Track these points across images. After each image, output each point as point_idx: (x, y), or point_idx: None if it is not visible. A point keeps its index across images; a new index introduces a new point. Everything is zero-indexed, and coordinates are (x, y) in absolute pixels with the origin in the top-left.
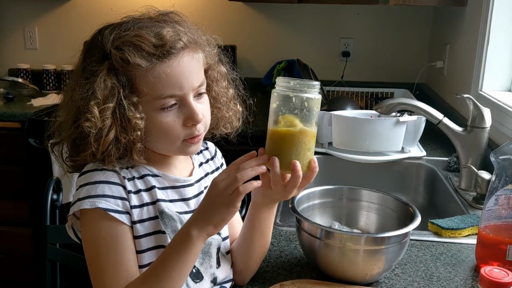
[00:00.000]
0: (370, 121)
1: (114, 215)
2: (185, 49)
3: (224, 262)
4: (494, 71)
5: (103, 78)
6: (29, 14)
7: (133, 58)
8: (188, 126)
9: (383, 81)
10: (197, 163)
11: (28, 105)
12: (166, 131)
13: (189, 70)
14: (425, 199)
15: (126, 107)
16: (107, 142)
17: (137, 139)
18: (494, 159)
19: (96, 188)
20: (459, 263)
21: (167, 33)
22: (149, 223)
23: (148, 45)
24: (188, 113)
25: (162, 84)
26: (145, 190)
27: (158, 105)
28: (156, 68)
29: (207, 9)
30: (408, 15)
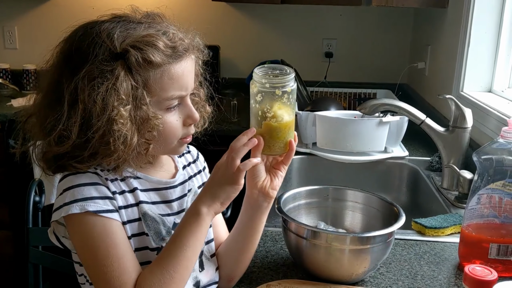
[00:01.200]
0: (354, 122)
1: (106, 215)
2: (188, 51)
3: (208, 265)
4: (475, 72)
5: (123, 78)
6: (9, 13)
7: (155, 57)
8: (186, 126)
9: (365, 81)
10: (181, 166)
11: (7, 105)
12: (169, 131)
13: (191, 72)
14: (407, 198)
15: (146, 107)
16: (133, 145)
17: (152, 140)
18: (476, 159)
19: (83, 191)
20: (442, 262)
21: (173, 35)
22: (133, 225)
23: (163, 44)
24: (187, 113)
25: (173, 84)
26: (127, 192)
27: (165, 105)
28: (171, 68)
29: (190, 9)
30: (390, 16)
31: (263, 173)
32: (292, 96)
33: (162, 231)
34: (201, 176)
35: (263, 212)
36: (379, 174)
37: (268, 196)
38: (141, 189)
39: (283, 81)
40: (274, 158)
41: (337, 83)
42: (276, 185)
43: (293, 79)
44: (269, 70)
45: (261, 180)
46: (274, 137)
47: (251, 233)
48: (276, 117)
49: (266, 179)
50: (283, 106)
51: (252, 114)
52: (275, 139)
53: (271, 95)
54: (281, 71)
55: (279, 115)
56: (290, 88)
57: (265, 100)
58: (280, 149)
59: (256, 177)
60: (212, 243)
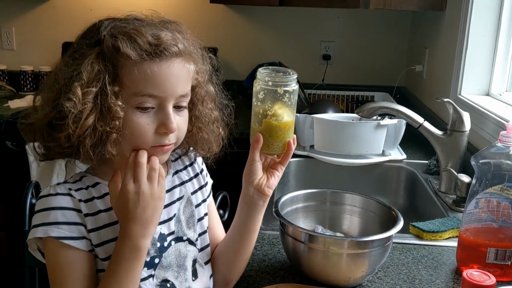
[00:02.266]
0: (352, 124)
1: (68, 242)
2: (178, 56)
3: (201, 273)
4: (472, 75)
5: (90, 61)
6: (6, 14)
7: (124, 47)
8: (160, 133)
9: (363, 84)
10: (172, 171)
11: (5, 107)
12: (138, 133)
13: (176, 77)
14: (405, 201)
15: (109, 94)
16: (85, 126)
17: (114, 129)
18: (474, 163)
19: (49, 216)
20: (440, 266)
21: (165, 35)
22: (113, 244)
23: (143, 40)
24: (162, 120)
25: (145, 82)
26: (105, 211)
27: (136, 102)
28: (145, 64)
29: (189, 11)
30: (388, 19)
31: (260, 172)
32: (293, 96)
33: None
34: (197, 179)
35: (258, 211)
36: (376, 177)
37: (263, 194)
38: None
39: (286, 80)
40: (272, 159)
41: (334, 86)
42: (272, 184)
43: (295, 80)
44: (273, 71)
45: (258, 178)
46: (273, 136)
47: (247, 232)
48: (276, 116)
49: (263, 177)
50: (284, 106)
51: (253, 112)
52: (274, 138)
53: (273, 93)
54: (284, 73)
55: (280, 114)
56: (291, 88)
57: (267, 98)
58: (279, 148)
59: (253, 174)
60: (207, 249)
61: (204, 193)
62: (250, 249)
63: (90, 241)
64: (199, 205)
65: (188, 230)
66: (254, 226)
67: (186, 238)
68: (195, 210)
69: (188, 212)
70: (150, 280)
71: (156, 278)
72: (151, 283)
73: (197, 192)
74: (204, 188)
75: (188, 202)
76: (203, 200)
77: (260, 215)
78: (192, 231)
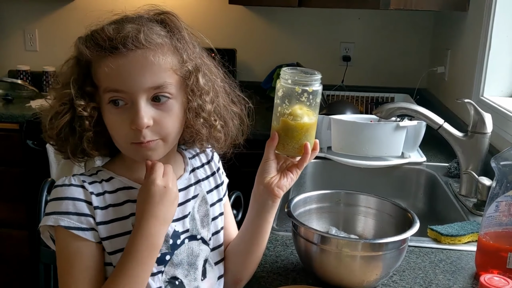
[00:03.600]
0: (370, 126)
1: (77, 232)
2: (141, 48)
3: (211, 273)
4: (495, 76)
5: (70, 64)
6: (30, 16)
7: (82, 47)
8: (133, 129)
9: (383, 85)
10: (190, 169)
11: (27, 106)
12: (112, 129)
13: (139, 70)
14: (425, 205)
15: (74, 95)
16: (59, 124)
17: (83, 127)
18: (495, 165)
19: (61, 205)
20: (458, 271)
21: (127, 28)
22: (122, 238)
23: (102, 37)
24: (132, 116)
25: (108, 77)
26: (116, 205)
27: (106, 98)
28: (104, 60)
29: (208, 12)
30: (409, 19)
31: (273, 171)
32: (314, 97)
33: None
34: (214, 178)
35: (267, 210)
36: (395, 179)
37: (272, 193)
38: (135, 200)
39: (305, 80)
40: (290, 162)
41: (354, 87)
42: (283, 185)
43: (317, 81)
44: (298, 71)
45: (269, 176)
46: (289, 136)
47: (256, 232)
48: (294, 116)
49: (275, 177)
50: (303, 106)
51: (274, 110)
52: (290, 138)
53: (291, 92)
54: (309, 74)
55: (298, 115)
56: (311, 88)
57: (285, 97)
58: (294, 150)
59: (265, 172)
60: (219, 249)
61: (220, 192)
62: (260, 249)
63: (98, 233)
64: (214, 204)
65: (202, 229)
66: (264, 227)
67: (200, 237)
68: (209, 209)
69: (203, 211)
70: (159, 276)
71: (165, 274)
72: (160, 279)
73: (212, 191)
74: (220, 187)
75: (203, 201)
76: (219, 199)
77: (269, 216)
78: (206, 230)
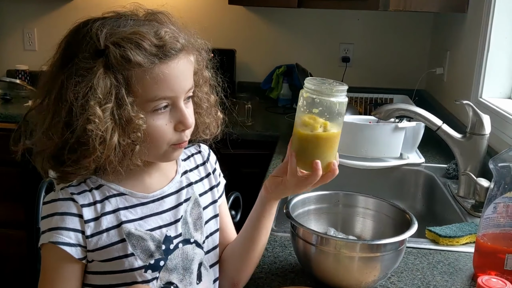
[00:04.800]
0: (369, 127)
1: (63, 247)
2: (182, 51)
3: (206, 276)
4: (494, 78)
5: (102, 76)
6: (28, 15)
7: (135, 56)
8: (178, 131)
9: (382, 87)
10: (182, 171)
11: (25, 106)
12: (157, 135)
13: (184, 73)
14: (423, 206)
15: (127, 107)
16: (112, 145)
17: (137, 140)
18: (493, 166)
19: (51, 222)
20: (456, 272)
21: (165, 33)
22: (114, 248)
23: (149, 44)
24: (179, 118)
25: (158, 86)
26: (107, 213)
27: (151, 107)
28: (155, 68)
29: (207, 12)
30: (408, 21)
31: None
32: (329, 111)
33: (151, 247)
34: (209, 179)
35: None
36: (394, 180)
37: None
38: (126, 206)
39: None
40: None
41: (353, 88)
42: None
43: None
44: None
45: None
46: (299, 148)
47: (255, 237)
48: (302, 126)
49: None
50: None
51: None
52: (300, 151)
53: (307, 101)
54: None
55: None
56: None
57: (303, 106)
58: (304, 165)
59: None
60: (214, 251)
61: (215, 193)
62: (258, 254)
63: (85, 248)
64: (207, 207)
65: (195, 232)
66: (264, 231)
67: (193, 240)
68: (202, 212)
69: (196, 214)
70: (154, 282)
71: (160, 280)
72: (155, 285)
73: (206, 193)
74: (215, 188)
75: (196, 204)
76: (213, 201)
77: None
78: (199, 233)
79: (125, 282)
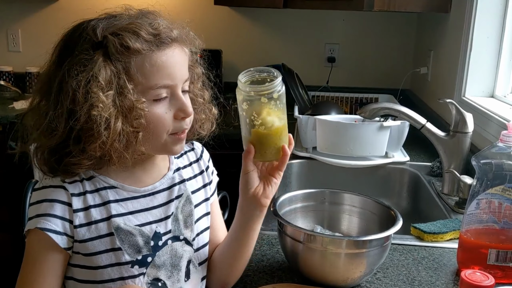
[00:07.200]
0: (354, 126)
1: (50, 234)
2: (176, 41)
3: (194, 274)
4: (477, 77)
5: (102, 64)
6: (12, 16)
7: (133, 43)
8: (178, 119)
9: (368, 86)
10: (174, 168)
11: (10, 108)
12: (158, 123)
13: (180, 62)
14: (408, 203)
15: (128, 94)
16: (116, 130)
17: (140, 127)
18: (475, 163)
19: (40, 208)
20: (440, 267)
21: (159, 24)
22: (101, 241)
23: (145, 32)
24: (179, 106)
25: (157, 73)
26: (97, 206)
27: (151, 96)
28: (153, 56)
29: (193, 12)
30: (392, 21)
31: (256, 181)
32: (280, 100)
33: (139, 242)
34: (202, 177)
35: (255, 221)
36: (379, 179)
37: (259, 204)
38: (116, 200)
39: (268, 88)
40: (270, 164)
41: (339, 88)
42: (269, 193)
43: (279, 84)
44: (256, 73)
45: (253, 187)
46: (264, 144)
47: (244, 241)
48: (264, 124)
49: (259, 187)
50: (272, 112)
51: (241, 121)
52: (266, 145)
53: (257, 102)
54: (268, 73)
55: (268, 122)
56: (277, 94)
57: (252, 108)
58: (273, 155)
59: (248, 185)
60: (203, 250)
61: (207, 191)
62: (246, 256)
63: (72, 238)
64: (199, 205)
65: (185, 230)
66: (251, 235)
67: (183, 237)
68: (194, 209)
69: (187, 211)
70: (141, 278)
71: (147, 276)
72: (142, 281)
73: (199, 191)
74: (208, 186)
75: (187, 201)
76: (205, 199)
77: (256, 225)
78: (189, 231)
79: (110, 277)
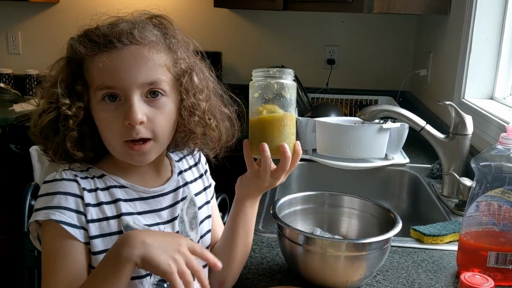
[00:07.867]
0: (354, 128)
1: (67, 228)
2: (136, 44)
3: None
4: (476, 79)
5: (58, 65)
6: (13, 18)
7: (75, 45)
8: (126, 126)
9: (367, 88)
10: (177, 171)
11: (9, 110)
12: (104, 126)
13: (134, 64)
14: (408, 206)
15: (60, 93)
16: (43, 122)
17: (69, 126)
18: (474, 165)
19: (53, 199)
20: (440, 270)
21: (121, 25)
22: (111, 238)
23: (96, 34)
24: (125, 111)
25: (101, 74)
26: (108, 203)
27: (99, 96)
28: (96, 57)
29: (193, 15)
30: (392, 23)
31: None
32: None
33: None
34: (202, 180)
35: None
36: (379, 181)
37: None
38: (125, 199)
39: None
40: None
41: (339, 90)
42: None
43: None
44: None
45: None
46: (250, 136)
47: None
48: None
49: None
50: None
51: None
52: (251, 138)
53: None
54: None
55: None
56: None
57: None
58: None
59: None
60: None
61: (208, 194)
62: (240, 254)
63: (87, 232)
64: (202, 207)
65: (191, 232)
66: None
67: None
68: (198, 211)
69: (191, 213)
70: (147, 279)
71: (153, 277)
72: (148, 282)
73: (201, 193)
74: (208, 189)
75: (192, 203)
76: (207, 201)
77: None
78: (194, 233)
79: None
